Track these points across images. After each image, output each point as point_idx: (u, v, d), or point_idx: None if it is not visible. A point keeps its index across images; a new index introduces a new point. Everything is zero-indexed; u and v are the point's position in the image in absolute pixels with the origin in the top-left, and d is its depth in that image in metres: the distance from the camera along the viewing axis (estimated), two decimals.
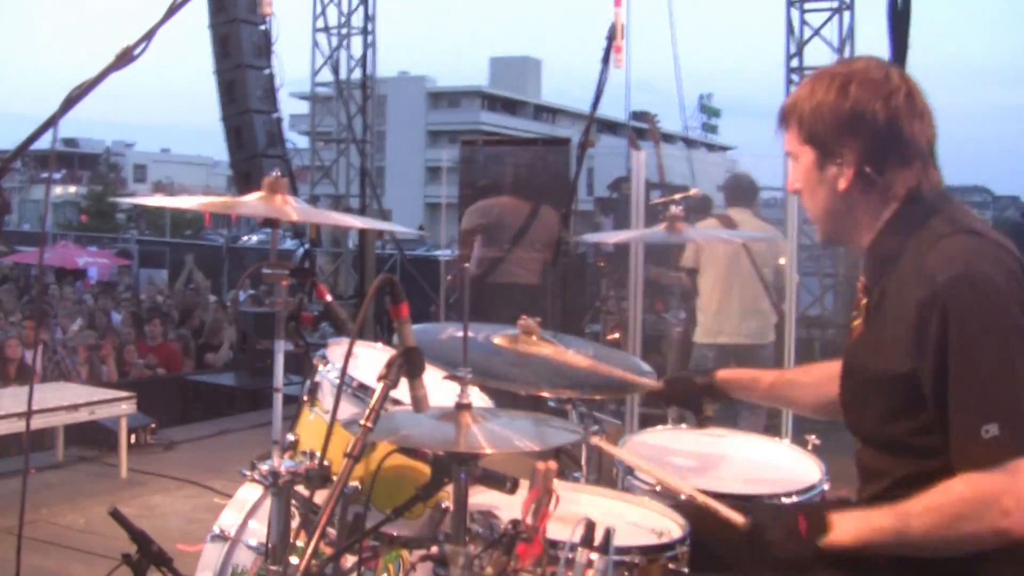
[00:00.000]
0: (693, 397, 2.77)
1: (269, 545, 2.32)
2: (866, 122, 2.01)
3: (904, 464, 2.01)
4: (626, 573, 2.12)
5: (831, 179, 2.08)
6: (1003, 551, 1.89)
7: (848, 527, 1.98)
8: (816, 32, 11.01)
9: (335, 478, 1.85)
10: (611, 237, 3.62)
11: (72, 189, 54.78)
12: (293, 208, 2.40)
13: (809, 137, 2.09)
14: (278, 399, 2.38)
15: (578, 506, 2.41)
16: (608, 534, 1.99)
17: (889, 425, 2.02)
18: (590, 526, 1.99)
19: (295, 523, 2.32)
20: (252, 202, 2.44)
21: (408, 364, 1.99)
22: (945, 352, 1.86)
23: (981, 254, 1.91)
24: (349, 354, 2.02)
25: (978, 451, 1.81)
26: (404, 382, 2.01)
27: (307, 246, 11.38)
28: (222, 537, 2.92)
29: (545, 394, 2.83)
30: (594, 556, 1.98)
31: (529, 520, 2.01)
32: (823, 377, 2.51)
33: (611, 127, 40.03)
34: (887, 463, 2.06)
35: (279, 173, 2.45)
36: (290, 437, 2.45)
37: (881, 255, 2.08)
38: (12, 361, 9.01)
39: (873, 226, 2.08)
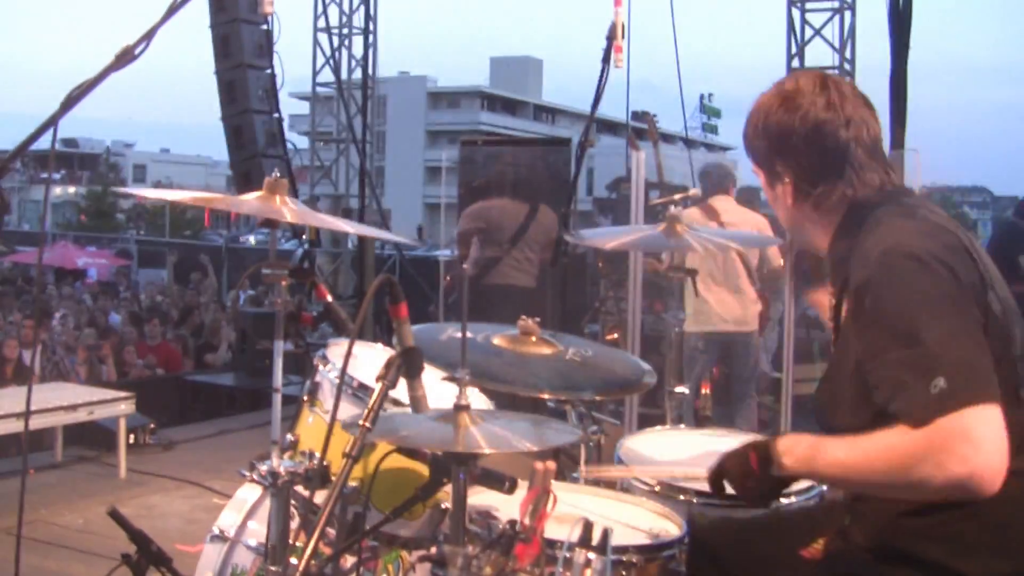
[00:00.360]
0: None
1: (268, 545, 2.32)
2: (788, 142, 2.10)
3: None
4: (624, 573, 2.12)
5: (781, 196, 2.18)
6: (984, 540, 1.89)
7: (801, 455, 1.97)
8: (817, 32, 11.02)
9: (335, 478, 1.86)
10: (608, 241, 3.58)
11: (72, 189, 54.84)
12: (291, 209, 2.40)
13: (754, 161, 2.22)
14: (277, 399, 2.38)
15: (576, 506, 2.41)
16: (606, 534, 1.99)
17: (854, 417, 2.01)
18: (588, 526, 2.00)
19: (294, 523, 2.32)
20: (251, 202, 2.44)
21: (407, 364, 1.99)
22: (879, 323, 1.86)
23: (912, 231, 1.94)
24: (349, 354, 2.03)
25: (929, 404, 1.77)
26: (403, 382, 2.01)
27: (307, 246, 11.38)
28: (221, 537, 2.92)
29: (544, 396, 2.84)
30: (592, 556, 1.99)
31: (527, 520, 2.01)
32: None
33: (611, 127, 40.03)
34: None
35: (279, 173, 2.45)
36: (289, 437, 2.45)
37: (836, 258, 2.14)
38: (10, 361, 9.01)
39: (827, 233, 2.15)
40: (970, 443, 1.72)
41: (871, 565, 2.03)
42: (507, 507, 2.16)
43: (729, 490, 2.12)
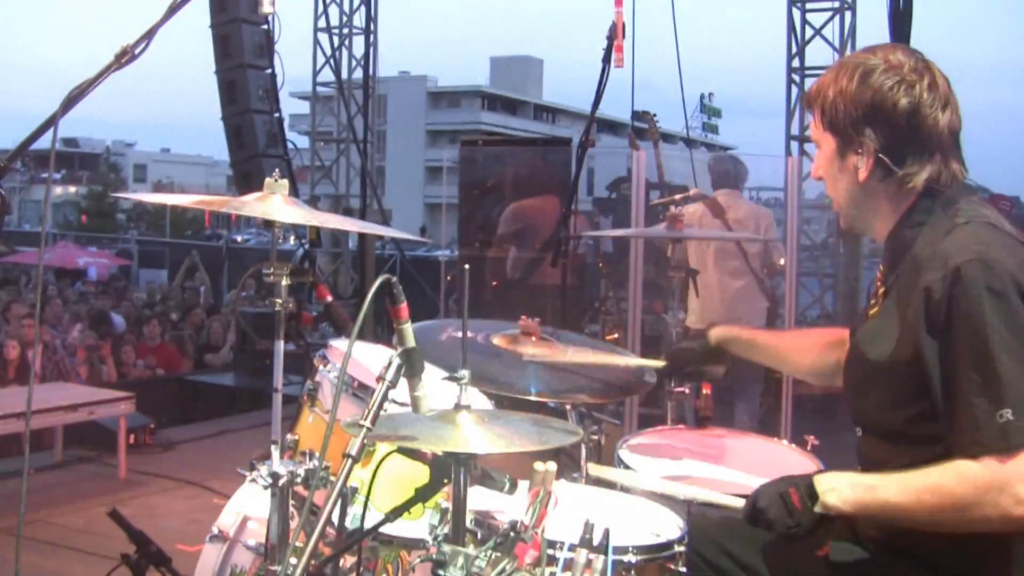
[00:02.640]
0: (697, 362, 2.77)
1: (268, 545, 2.31)
2: (886, 113, 2.00)
3: (904, 453, 2.00)
4: (624, 573, 2.12)
5: (851, 168, 2.07)
6: (1001, 546, 1.89)
7: (847, 494, 1.96)
8: (817, 32, 11.00)
9: (335, 478, 1.85)
10: (611, 235, 3.60)
11: (72, 189, 54.84)
12: (292, 209, 2.39)
13: (830, 125, 2.08)
14: (278, 399, 2.38)
15: (577, 507, 2.41)
16: (606, 534, 1.99)
17: (890, 413, 2.01)
18: (588, 526, 1.99)
19: (294, 523, 2.31)
20: (251, 202, 2.44)
21: (408, 365, 1.99)
22: (954, 335, 1.85)
23: (995, 243, 1.91)
24: (349, 354, 2.02)
25: (992, 436, 1.79)
26: (404, 383, 2.01)
27: (307, 246, 11.37)
28: (221, 537, 2.92)
29: (545, 398, 2.83)
30: (592, 556, 1.98)
31: (528, 520, 2.01)
32: (818, 344, 2.53)
33: (611, 127, 40.02)
34: (887, 452, 2.05)
35: (279, 173, 2.44)
36: (290, 437, 2.45)
37: (898, 245, 2.07)
38: (11, 361, 9.00)
39: (892, 216, 2.08)
40: None
41: (879, 561, 2.02)
42: (508, 507, 2.16)
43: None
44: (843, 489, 1.96)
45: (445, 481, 2.08)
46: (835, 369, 2.41)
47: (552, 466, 2.07)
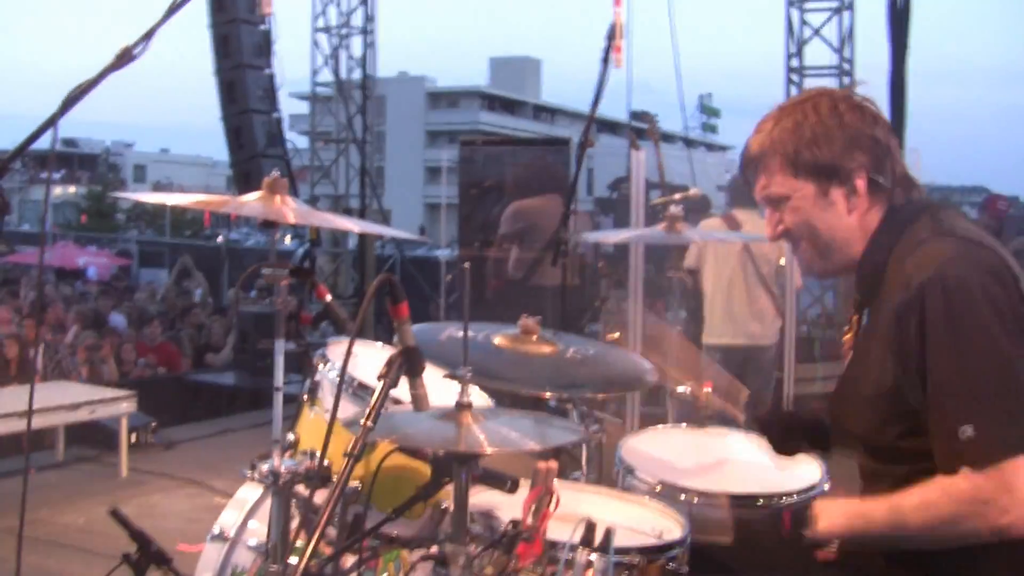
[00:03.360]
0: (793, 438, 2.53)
1: (269, 545, 2.32)
2: (865, 136, 2.04)
3: (897, 467, 2.02)
4: (626, 573, 2.12)
5: (840, 200, 2.06)
6: (997, 555, 1.89)
7: (837, 517, 2.03)
8: (816, 32, 11.01)
9: (335, 478, 1.85)
10: (611, 237, 3.62)
11: (72, 189, 54.78)
12: (292, 209, 2.40)
13: (804, 169, 2.06)
14: (278, 398, 2.38)
15: (578, 506, 2.41)
16: (608, 534, 1.99)
17: (878, 433, 2.03)
18: (590, 526, 2.00)
19: (295, 523, 2.32)
20: (251, 202, 2.44)
21: (408, 363, 1.99)
22: (923, 356, 1.89)
23: (956, 257, 1.91)
24: (349, 353, 2.02)
25: (960, 452, 1.84)
26: (404, 381, 2.01)
27: (307, 246, 11.38)
28: (222, 537, 2.92)
29: (547, 395, 2.83)
30: (594, 556, 1.99)
31: (529, 520, 2.01)
32: None
33: (611, 127, 40.02)
34: (882, 467, 2.07)
35: (279, 173, 2.44)
36: (290, 437, 2.45)
37: (871, 271, 2.08)
38: (11, 361, 9.00)
39: (863, 239, 2.08)
40: (1009, 494, 1.79)
41: (883, 567, 2.03)
42: (509, 507, 2.16)
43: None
44: (833, 515, 2.04)
45: (446, 480, 2.09)
46: None
47: (554, 465, 2.07)
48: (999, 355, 1.84)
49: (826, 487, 2.66)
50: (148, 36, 2.07)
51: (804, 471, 2.76)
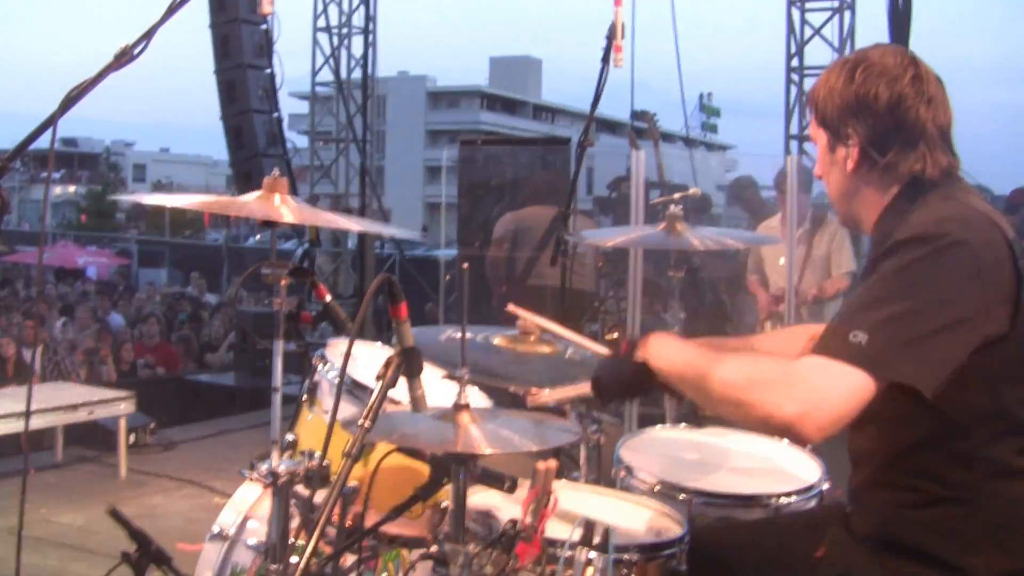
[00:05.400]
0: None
1: (268, 545, 2.32)
2: (868, 105, 2.05)
3: (886, 439, 2.01)
4: (625, 572, 2.12)
5: (840, 161, 2.13)
6: (997, 547, 1.89)
7: (665, 352, 2.09)
8: (816, 32, 11.01)
9: (335, 478, 1.86)
10: (609, 239, 3.61)
11: (71, 189, 54.84)
12: (292, 209, 2.40)
13: (822, 120, 2.15)
14: (277, 399, 2.38)
15: (577, 506, 2.41)
16: (607, 533, 1.99)
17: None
18: (589, 525, 2.00)
19: (294, 523, 2.32)
20: (251, 202, 2.44)
21: (407, 364, 1.99)
22: (880, 278, 1.89)
23: (954, 216, 1.92)
24: (348, 354, 2.02)
25: (836, 345, 1.81)
26: (403, 382, 2.01)
27: (307, 246, 11.38)
28: (221, 536, 2.92)
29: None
30: (593, 555, 1.99)
31: (528, 519, 2.01)
32: (788, 341, 2.55)
33: (611, 127, 40.03)
34: (871, 440, 2.05)
35: (279, 173, 2.44)
36: (289, 437, 2.45)
37: (882, 234, 2.10)
38: (8, 361, 9.00)
39: (878, 207, 2.12)
40: (805, 385, 1.79)
41: (872, 556, 2.03)
42: (508, 506, 2.16)
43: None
44: (667, 347, 2.10)
45: (445, 480, 2.09)
46: None
47: (553, 464, 2.07)
48: (954, 306, 1.82)
49: (825, 486, 2.66)
50: (148, 35, 2.07)
51: (804, 470, 2.76)
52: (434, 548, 2.05)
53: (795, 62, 11.10)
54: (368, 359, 2.50)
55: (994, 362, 1.87)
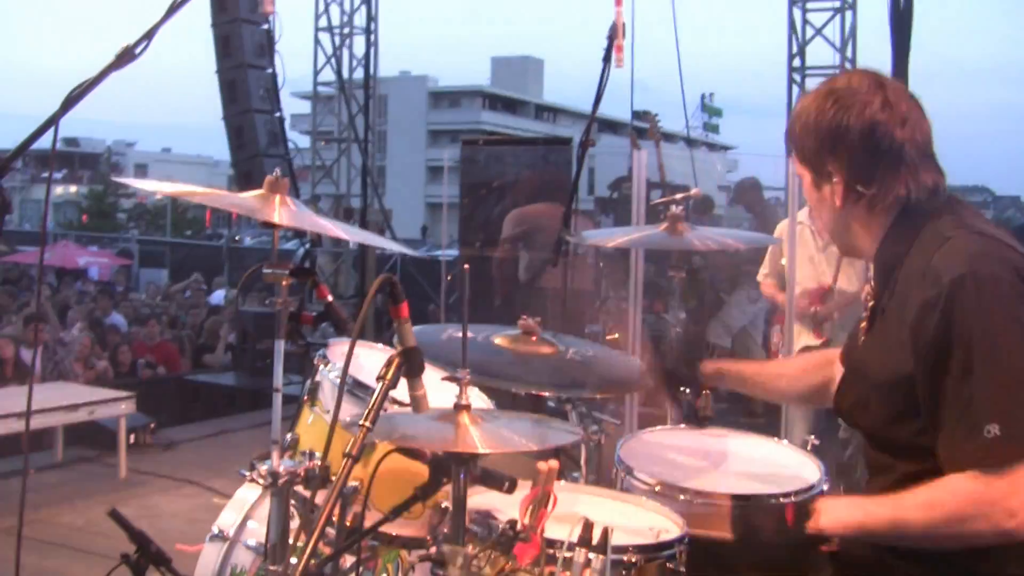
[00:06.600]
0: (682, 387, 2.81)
1: (268, 545, 2.31)
2: (842, 139, 2.04)
3: (907, 463, 2.01)
4: (624, 573, 2.12)
5: (828, 198, 2.11)
6: (1005, 549, 1.89)
7: (840, 514, 2.02)
8: (818, 32, 11.02)
9: (335, 478, 1.85)
10: (610, 240, 3.60)
11: (73, 189, 54.86)
12: (288, 212, 2.38)
13: (802, 159, 2.14)
14: (278, 399, 2.38)
15: (576, 506, 2.41)
16: (606, 534, 1.98)
17: (891, 427, 2.02)
18: (588, 526, 1.99)
19: (294, 523, 2.31)
20: (249, 202, 2.43)
21: (408, 364, 1.99)
22: (945, 350, 1.86)
23: (986, 254, 1.90)
24: (350, 354, 2.02)
25: (979, 450, 1.80)
26: (404, 382, 2.00)
27: (308, 246, 11.38)
28: (221, 537, 2.92)
29: (545, 393, 2.83)
30: (592, 556, 1.98)
31: (527, 520, 2.01)
32: (804, 368, 2.55)
33: (612, 127, 40.01)
34: (891, 461, 2.06)
35: (280, 173, 2.44)
36: (290, 437, 2.44)
37: (886, 263, 2.09)
38: (7, 361, 9.01)
39: (876, 235, 2.10)
40: (1019, 496, 1.78)
41: (883, 559, 2.03)
42: (507, 507, 2.16)
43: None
44: (839, 510, 2.03)
45: (444, 480, 2.08)
46: (824, 391, 2.49)
47: (555, 465, 2.07)
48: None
49: (825, 487, 2.66)
50: (149, 35, 2.07)
51: (804, 471, 2.76)
52: (433, 549, 2.05)
53: (797, 62, 11.11)
54: (369, 359, 2.50)
55: None
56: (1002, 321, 1.83)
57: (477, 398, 2.71)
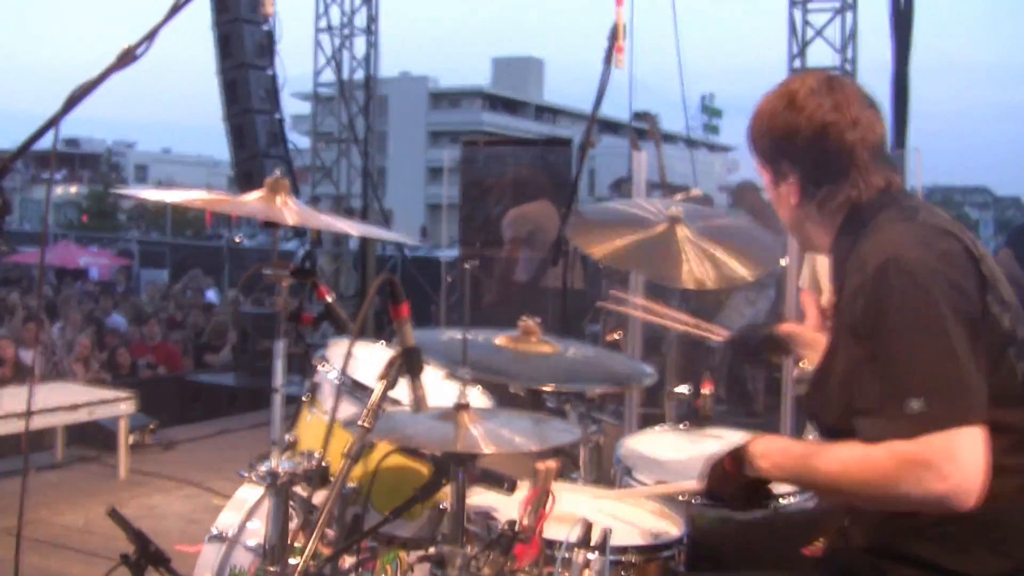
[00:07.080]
0: (763, 347, 2.85)
1: (268, 546, 2.31)
2: (794, 141, 2.08)
3: None
4: (623, 573, 2.12)
5: (785, 196, 2.16)
6: (982, 542, 1.89)
7: (778, 459, 2.03)
8: (818, 33, 11.00)
9: (334, 478, 1.85)
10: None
11: (73, 189, 54.85)
12: (292, 211, 2.39)
13: (760, 160, 2.19)
14: (278, 399, 2.38)
15: (576, 506, 2.41)
16: (605, 534, 1.99)
17: (844, 422, 2.02)
18: (587, 526, 2.00)
19: (294, 524, 2.32)
20: (251, 202, 2.43)
21: (408, 364, 1.99)
22: (868, 333, 1.88)
23: (910, 239, 1.93)
24: (349, 354, 2.02)
25: (904, 425, 1.80)
26: (404, 382, 2.01)
27: (308, 246, 11.39)
28: (221, 537, 2.92)
29: (546, 389, 2.83)
30: (591, 556, 1.99)
31: (526, 520, 2.01)
32: None
33: (612, 127, 39.97)
34: None
35: (280, 173, 2.44)
36: (289, 437, 2.45)
37: (837, 260, 2.13)
38: (7, 362, 9.01)
39: (830, 233, 2.14)
40: (952, 462, 1.76)
41: (869, 564, 2.03)
42: (507, 507, 2.16)
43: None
44: (775, 454, 2.03)
45: (444, 481, 2.09)
46: None
47: (554, 465, 2.07)
48: (946, 335, 1.83)
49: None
50: (150, 36, 2.06)
51: None
52: (432, 549, 2.05)
53: (797, 63, 11.08)
54: (369, 360, 2.50)
55: None
56: (920, 303, 1.85)
57: (477, 397, 2.71)
